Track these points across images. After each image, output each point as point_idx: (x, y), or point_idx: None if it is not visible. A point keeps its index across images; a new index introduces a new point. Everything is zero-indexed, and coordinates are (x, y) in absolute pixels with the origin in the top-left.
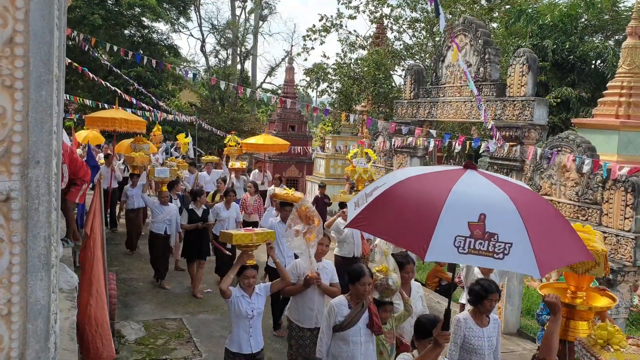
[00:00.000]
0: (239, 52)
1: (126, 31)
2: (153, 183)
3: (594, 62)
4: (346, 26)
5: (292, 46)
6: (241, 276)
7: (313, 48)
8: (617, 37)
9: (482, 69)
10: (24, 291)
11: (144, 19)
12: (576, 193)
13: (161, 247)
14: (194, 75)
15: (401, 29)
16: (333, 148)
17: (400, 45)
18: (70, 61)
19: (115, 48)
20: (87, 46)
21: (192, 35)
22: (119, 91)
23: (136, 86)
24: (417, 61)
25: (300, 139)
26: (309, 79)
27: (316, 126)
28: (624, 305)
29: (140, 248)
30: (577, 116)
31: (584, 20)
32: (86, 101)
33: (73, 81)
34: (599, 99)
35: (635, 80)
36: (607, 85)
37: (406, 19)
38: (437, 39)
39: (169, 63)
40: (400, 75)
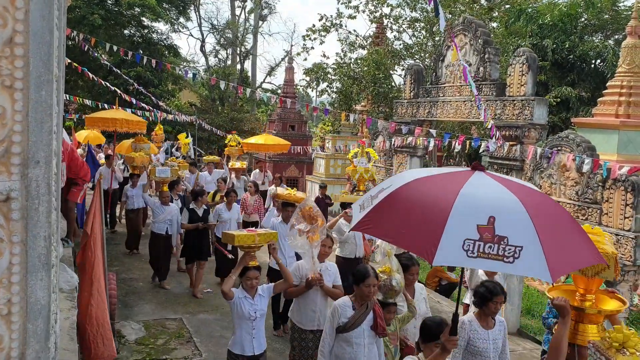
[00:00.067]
0: (238, 52)
1: (126, 31)
2: (154, 183)
3: (593, 61)
4: (346, 26)
5: (291, 46)
6: (244, 277)
7: (313, 48)
8: (617, 36)
9: (481, 68)
10: (24, 291)
11: (143, 18)
12: (576, 192)
13: (162, 247)
14: (194, 75)
15: (401, 29)
16: (333, 148)
17: (400, 45)
18: (70, 61)
19: (115, 48)
20: (87, 46)
21: (192, 35)
22: (118, 91)
23: (136, 86)
24: (417, 61)
25: (300, 138)
26: (308, 78)
27: (316, 126)
28: None
29: (140, 248)
30: (577, 116)
31: (583, 19)
32: (86, 101)
33: (73, 81)
34: (599, 99)
35: (635, 79)
36: (607, 84)
37: (406, 18)
38: (436, 38)
39: (168, 63)
40: (400, 75)
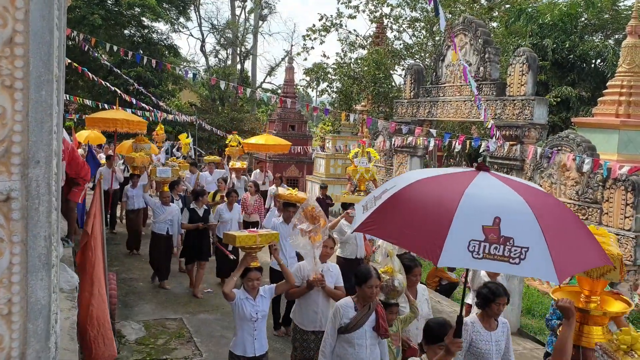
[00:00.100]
0: (238, 52)
1: (126, 31)
2: (154, 183)
3: (594, 61)
4: (346, 26)
5: (292, 46)
6: (245, 278)
7: (313, 48)
8: (617, 36)
9: (482, 68)
10: (24, 291)
11: (143, 18)
12: (576, 192)
13: (163, 247)
14: (194, 75)
15: (401, 29)
16: (333, 148)
17: (400, 44)
18: (70, 61)
19: (115, 48)
20: (87, 46)
21: (192, 35)
22: (118, 91)
23: (136, 86)
24: (417, 60)
25: (300, 138)
26: (308, 78)
27: (316, 126)
28: None
29: (141, 248)
30: (577, 115)
31: (583, 19)
32: (86, 101)
33: (73, 81)
34: (599, 98)
35: (635, 79)
36: (607, 84)
37: (406, 18)
38: (437, 38)
39: (168, 63)
40: (400, 75)
